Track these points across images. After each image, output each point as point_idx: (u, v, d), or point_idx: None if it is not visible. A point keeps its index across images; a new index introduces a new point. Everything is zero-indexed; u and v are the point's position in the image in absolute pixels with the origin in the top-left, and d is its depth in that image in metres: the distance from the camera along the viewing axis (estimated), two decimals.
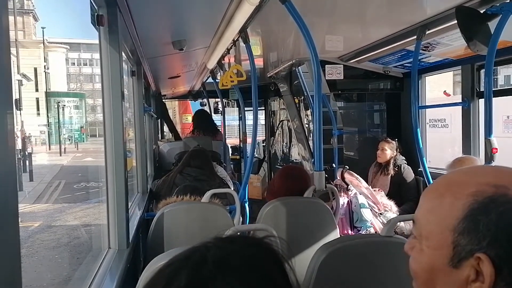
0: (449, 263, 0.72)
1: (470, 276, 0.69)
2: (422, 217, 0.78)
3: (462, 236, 0.70)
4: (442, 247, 0.73)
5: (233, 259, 0.66)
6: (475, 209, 0.70)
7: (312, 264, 1.48)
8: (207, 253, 0.66)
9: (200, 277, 0.64)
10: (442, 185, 0.77)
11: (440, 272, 0.73)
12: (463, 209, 0.71)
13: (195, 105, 8.72)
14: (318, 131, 2.34)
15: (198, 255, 0.67)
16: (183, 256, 0.68)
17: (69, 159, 24.34)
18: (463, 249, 0.70)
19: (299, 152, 5.03)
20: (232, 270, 0.65)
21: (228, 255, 0.67)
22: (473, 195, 0.71)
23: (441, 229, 0.73)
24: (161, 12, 2.54)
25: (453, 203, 0.72)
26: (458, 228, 0.71)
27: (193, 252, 0.68)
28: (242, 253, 0.68)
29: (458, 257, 0.70)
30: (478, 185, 0.71)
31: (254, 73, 2.96)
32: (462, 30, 2.27)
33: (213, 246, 0.68)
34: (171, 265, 0.67)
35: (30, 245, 7.54)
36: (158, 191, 3.47)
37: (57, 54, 41.27)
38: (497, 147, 2.57)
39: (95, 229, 8.21)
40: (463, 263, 0.70)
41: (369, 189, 3.45)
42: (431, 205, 0.76)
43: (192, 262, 0.66)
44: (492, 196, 0.69)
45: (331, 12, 2.83)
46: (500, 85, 10.71)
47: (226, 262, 0.66)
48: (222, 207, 2.47)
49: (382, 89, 4.74)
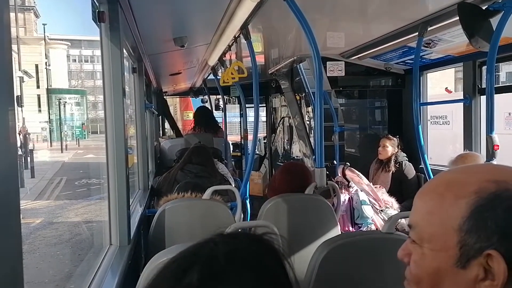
0: (455, 263, 0.70)
1: (479, 275, 0.68)
2: (422, 220, 0.75)
3: (469, 234, 0.69)
4: (447, 248, 0.71)
5: (241, 253, 0.67)
6: (480, 206, 0.69)
7: (313, 261, 1.48)
8: (216, 248, 0.67)
9: (212, 272, 0.64)
10: (440, 186, 0.75)
11: (446, 274, 0.71)
12: (468, 208, 0.70)
13: (196, 102, 8.71)
14: (319, 128, 2.34)
15: (207, 250, 0.67)
16: (190, 252, 0.68)
17: (71, 156, 24.38)
18: (471, 248, 0.68)
19: (300, 149, 5.03)
20: (242, 264, 0.65)
21: (236, 250, 0.67)
22: (476, 193, 0.70)
23: (444, 230, 0.71)
24: (162, 9, 2.53)
25: (456, 203, 0.71)
26: (464, 227, 0.69)
27: (201, 247, 0.68)
28: (248, 248, 0.69)
29: (466, 257, 0.69)
30: (479, 183, 0.70)
31: (255, 70, 2.95)
32: (464, 27, 2.27)
33: (221, 241, 0.68)
34: (177, 261, 0.67)
35: (32, 241, 7.56)
36: (159, 188, 3.48)
37: (58, 50, 41.28)
38: (498, 144, 2.57)
39: (97, 226, 8.23)
40: (471, 263, 0.69)
41: (370, 186, 3.45)
42: (431, 206, 0.74)
43: (202, 257, 0.66)
44: (495, 192, 0.69)
45: (332, 9, 2.83)
46: (501, 81, 10.68)
47: (236, 256, 0.66)
48: (223, 204, 2.47)
49: (384, 86, 4.73)
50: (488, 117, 2.57)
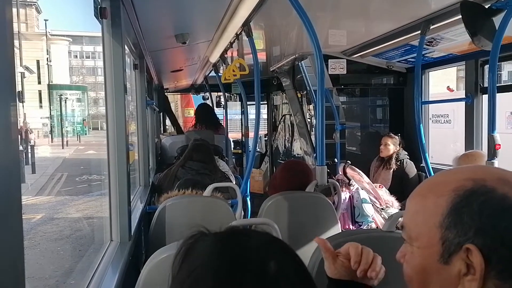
0: (439, 259, 0.73)
1: (462, 270, 0.70)
2: (410, 220, 0.80)
3: (449, 230, 0.72)
4: (431, 245, 0.74)
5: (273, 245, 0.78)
6: (457, 202, 0.72)
7: (313, 259, 1.48)
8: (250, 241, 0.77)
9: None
10: (424, 188, 0.80)
11: (432, 271, 0.75)
12: (447, 205, 0.73)
13: (197, 98, 8.70)
14: (321, 126, 2.34)
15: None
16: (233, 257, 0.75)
17: (71, 152, 24.38)
18: (451, 243, 0.72)
19: (301, 146, 5.02)
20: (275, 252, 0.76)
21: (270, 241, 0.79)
22: (454, 190, 0.73)
23: (428, 228, 0.75)
24: (164, 5, 2.53)
25: (437, 201, 0.75)
26: (444, 224, 0.73)
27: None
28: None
29: (448, 252, 0.72)
30: (458, 181, 0.74)
31: (256, 67, 2.95)
32: (467, 25, 2.26)
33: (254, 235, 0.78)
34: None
35: (32, 237, 7.56)
36: (160, 185, 3.48)
37: (59, 46, 41.20)
38: (500, 143, 2.56)
39: (97, 222, 8.24)
40: (453, 258, 0.71)
41: (370, 184, 3.45)
42: (416, 207, 0.79)
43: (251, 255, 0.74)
44: (472, 189, 0.72)
45: (334, 6, 2.82)
46: (503, 81, 10.65)
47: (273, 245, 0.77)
48: (224, 201, 2.47)
49: (385, 84, 4.73)
50: (490, 116, 2.57)
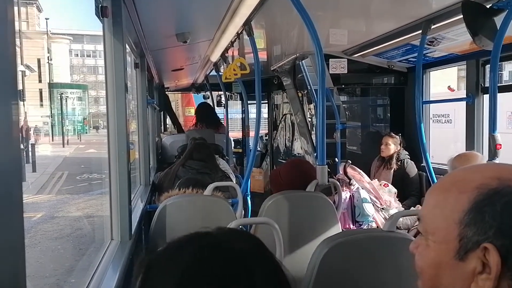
0: (455, 256, 0.72)
1: (477, 268, 0.70)
2: (428, 213, 0.79)
3: (468, 227, 0.71)
4: (448, 241, 0.73)
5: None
6: (480, 200, 0.71)
7: (314, 259, 1.48)
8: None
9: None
10: (447, 182, 0.79)
11: (446, 266, 0.74)
12: (469, 202, 0.72)
13: (198, 98, 8.71)
14: (322, 125, 2.34)
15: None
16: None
17: (72, 151, 24.39)
18: (469, 241, 0.71)
19: (301, 146, 5.03)
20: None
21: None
22: (477, 188, 0.72)
23: (447, 223, 0.74)
24: (165, 4, 2.53)
25: (458, 197, 0.74)
26: (464, 221, 0.72)
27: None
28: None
29: (464, 249, 0.71)
30: (483, 179, 0.73)
31: (257, 66, 2.94)
32: (468, 25, 2.26)
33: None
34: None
35: (33, 235, 7.56)
36: (161, 184, 3.48)
37: (60, 45, 41.18)
38: (501, 143, 2.56)
39: (98, 221, 8.24)
40: (469, 255, 0.71)
41: (371, 184, 3.45)
42: (437, 200, 0.78)
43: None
44: (496, 188, 0.71)
45: (335, 6, 2.82)
46: (504, 80, 10.65)
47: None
48: (224, 200, 2.47)
49: (386, 84, 4.72)
50: (491, 116, 2.56)
